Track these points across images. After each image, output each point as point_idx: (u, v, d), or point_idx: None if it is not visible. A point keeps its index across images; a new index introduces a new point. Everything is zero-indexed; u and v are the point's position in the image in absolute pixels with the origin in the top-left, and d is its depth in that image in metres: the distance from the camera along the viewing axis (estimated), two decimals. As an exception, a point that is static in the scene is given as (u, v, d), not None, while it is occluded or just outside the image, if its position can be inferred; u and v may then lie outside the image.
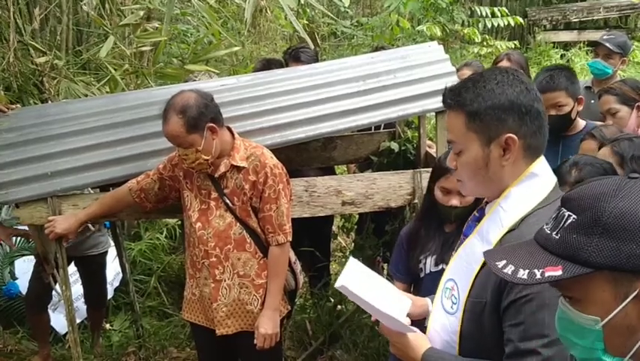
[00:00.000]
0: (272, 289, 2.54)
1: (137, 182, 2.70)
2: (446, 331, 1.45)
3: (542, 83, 2.84)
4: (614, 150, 2.22)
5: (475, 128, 1.37)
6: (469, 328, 1.38)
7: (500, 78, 1.37)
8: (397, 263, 2.55)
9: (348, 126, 3.03)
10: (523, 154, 1.37)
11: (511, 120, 1.34)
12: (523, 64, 3.52)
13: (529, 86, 1.38)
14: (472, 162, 1.39)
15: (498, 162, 1.36)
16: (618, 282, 0.91)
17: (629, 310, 0.91)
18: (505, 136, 1.34)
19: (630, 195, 0.92)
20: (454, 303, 1.42)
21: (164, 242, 4.79)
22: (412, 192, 2.92)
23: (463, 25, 7.83)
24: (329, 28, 8.47)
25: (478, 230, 1.42)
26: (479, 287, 1.35)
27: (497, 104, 1.34)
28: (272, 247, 2.53)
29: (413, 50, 3.39)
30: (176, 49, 5.86)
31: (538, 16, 11.16)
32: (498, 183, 1.39)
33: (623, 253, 0.89)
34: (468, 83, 1.40)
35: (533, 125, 1.36)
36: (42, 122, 2.98)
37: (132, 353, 3.73)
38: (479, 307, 1.35)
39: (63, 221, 2.70)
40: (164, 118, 2.39)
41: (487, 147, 1.36)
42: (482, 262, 1.34)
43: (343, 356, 3.54)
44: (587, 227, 0.93)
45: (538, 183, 1.37)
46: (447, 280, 1.48)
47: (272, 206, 2.49)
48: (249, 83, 3.16)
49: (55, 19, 4.98)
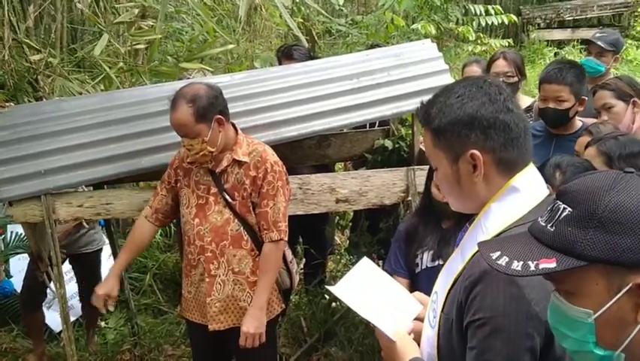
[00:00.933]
0: (260, 286, 2.52)
1: (149, 207, 2.69)
2: (429, 344, 1.41)
3: (549, 74, 2.84)
4: (600, 150, 2.22)
5: (440, 145, 1.32)
6: (443, 343, 1.34)
7: (462, 91, 1.30)
8: (397, 259, 2.55)
9: (342, 124, 3.04)
10: (496, 169, 1.29)
11: (474, 135, 1.27)
12: (518, 62, 3.53)
13: (494, 97, 1.29)
14: (445, 178, 1.35)
15: (469, 178, 1.30)
16: (612, 275, 0.91)
17: (622, 303, 0.91)
18: (470, 152, 1.27)
19: (626, 189, 0.92)
20: (434, 317, 1.39)
21: (159, 240, 4.80)
22: (406, 190, 2.93)
23: (457, 24, 7.84)
24: (324, 27, 8.46)
25: (462, 243, 1.38)
26: (449, 303, 1.31)
27: (456, 120, 1.28)
28: (265, 244, 2.53)
29: (407, 48, 3.40)
30: (171, 47, 5.85)
31: (532, 15, 11.21)
32: (474, 199, 1.33)
33: (617, 247, 0.89)
34: (435, 98, 1.35)
35: (500, 138, 1.27)
36: (36, 120, 2.97)
37: (127, 350, 3.72)
38: (448, 324, 1.31)
39: (104, 285, 2.63)
40: (173, 106, 2.39)
41: (455, 164, 1.31)
42: (454, 279, 1.31)
43: (338, 353, 3.55)
44: (582, 220, 0.93)
45: (519, 198, 1.28)
46: (433, 293, 1.46)
47: (269, 202, 2.50)
48: (242, 81, 3.16)
49: (49, 16, 4.97)
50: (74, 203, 2.83)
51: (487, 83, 1.33)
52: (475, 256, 1.25)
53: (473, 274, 1.22)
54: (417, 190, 2.87)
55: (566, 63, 2.94)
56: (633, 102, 2.73)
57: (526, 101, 3.65)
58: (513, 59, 3.53)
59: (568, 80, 2.79)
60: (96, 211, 2.88)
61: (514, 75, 3.45)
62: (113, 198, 2.88)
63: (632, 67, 8.81)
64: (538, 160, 2.96)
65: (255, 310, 2.49)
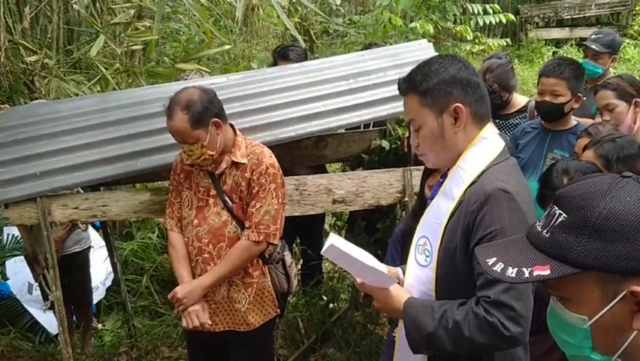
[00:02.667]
0: (213, 271, 2.47)
1: (169, 220, 2.63)
2: (422, 282, 1.64)
3: (548, 68, 2.88)
4: (597, 153, 2.21)
5: (427, 103, 1.61)
6: (443, 272, 1.58)
7: (441, 61, 1.64)
8: (394, 261, 2.54)
9: (339, 124, 3.04)
10: (472, 120, 1.61)
11: (456, 92, 1.59)
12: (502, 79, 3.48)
13: (466, 63, 1.65)
14: (429, 133, 1.63)
15: (451, 129, 1.61)
16: (606, 283, 0.91)
17: (617, 310, 0.91)
18: (454, 105, 1.59)
19: (620, 195, 0.91)
20: (428, 256, 1.63)
21: (156, 241, 4.79)
22: (403, 190, 2.92)
23: (455, 23, 7.83)
24: (321, 26, 8.44)
25: (442, 190, 1.65)
26: (449, 234, 1.57)
27: (442, 80, 1.60)
28: (241, 240, 2.48)
29: (403, 48, 3.40)
30: (168, 48, 5.84)
31: (530, 14, 11.22)
32: (454, 149, 1.62)
33: (611, 255, 0.89)
34: (416, 69, 1.65)
35: (475, 94, 1.61)
36: (32, 121, 2.96)
37: (124, 352, 3.72)
38: (450, 252, 1.56)
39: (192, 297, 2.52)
40: (169, 114, 2.38)
41: (440, 117, 1.61)
42: (449, 214, 1.57)
43: (335, 355, 3.54)
44: (576, 227, 0.93)
45: (489, 144, 1.62)
46: (419, 238, 1.69)
47: (256, 203, 2.48)
48: (239, 82, 3.15)
49: (45, 17, 4.96)
50: (70, 205, 2.82)
51: (458, 56, 1.71)
52: (469, 189, 1.55)
53: (479, 199, 1.51)
54: (413, 190, 2.87)
55: (565, 59, 2.96)
56: (635, 102, 2.72)
57: (521, 100, 3.64)
58: (496, 76, 3.47)
59: (565, 75, 2.82)
60: (92, 213, 2.87)
61: (496, 99, 3.40)
62: (109, 200, 2.88)
63: (630, 65, 8.80)
64: (534, 156, 2.99)
65: (194, 283, 2.49)
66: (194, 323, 2.47)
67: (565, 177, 2.07)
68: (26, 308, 3.98)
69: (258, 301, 2.58)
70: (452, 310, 1.51)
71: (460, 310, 1.50)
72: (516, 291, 1.45)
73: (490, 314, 1.45)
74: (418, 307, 1.57)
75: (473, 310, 1.47)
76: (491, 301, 1.45)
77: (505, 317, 1.44)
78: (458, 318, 1.48)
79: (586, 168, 2.09)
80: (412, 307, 1.58)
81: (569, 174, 2.07)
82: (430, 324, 1.52)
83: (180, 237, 2.60)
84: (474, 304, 1.49)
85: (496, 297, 1.45)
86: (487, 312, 1.45)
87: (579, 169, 2.08)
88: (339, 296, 3.96)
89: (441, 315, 1.51)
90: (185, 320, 2.50)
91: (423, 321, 1.53)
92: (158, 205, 2.85)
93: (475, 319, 1.46)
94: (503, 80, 3.47)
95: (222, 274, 2.49)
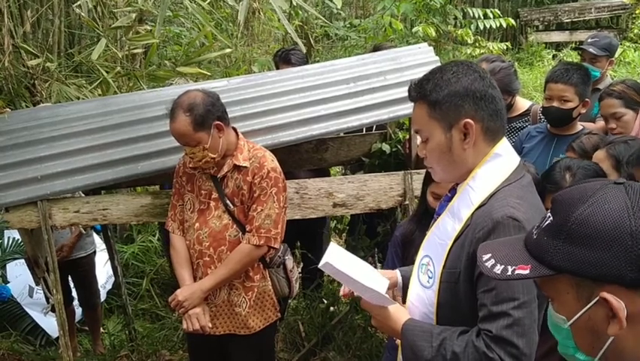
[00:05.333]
0: (214, 274, 2.49)
1: (171, 223, 2.64)
2: (423, 303, 1.56)
3: (556, 73, 2.87)
4: (609, 153, 2.21)
5: (436, 116, 1.50)
6: (445, 297, 1.49)
7: (456, 69, 1.50)
8: (395, 264, 2.55)
9: (340, 128, 3.04)
10: (483, 137, 1.49)
11: (467, 106, 1.47)
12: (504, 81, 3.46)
13: (482, 74, 1.51)
14: (437, 147, 1.52)
15: (460, 145, 1.49)
16: (580, 286, 0.93)
17: (592, 314, 0.92)
18: (464, 121, 1.47)
19: (600, 202, 0.92)
20: (430, 277, 1.54)
21: (157, 245, 4.79)
22: (403, 194, 2.92)
23: (455, 26, 7.84)
24: (322, 30, 8.46)
25: (449, 209, 1.55)
26: (453, 259, 1.47)
27: (454, 92, 1.47)
28: (242, 243, 2.49)
29: (403, 52, 3.40)
30: (169, 51, 5.85)
31: (530, 17, 11.22)
32: (463, 166, 1.51)
33: (582, 260, 0.90)
34: (428, 76, 1.53)
35: (489, 108, 1.48)
36: (32, 125, 2.97)
37: (125, 356, 3.72)
38: (454, 277, 1.47)
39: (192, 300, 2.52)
40: (172, 117, 2.39)
41: (448, 132, 1.49)
42: (454, 237, 1.47)
43: (336, 358, 3.54)
44: (555, 230, 0.95)
45: (502, 162, 1.50)
46: (422, 257, 1.60)
47: (257, 207, 2.48)
48: (239, 86, 3.16)
49: (47, 21, 4.97)
50: (71, 209, 2.82)
51: (474, 64, 1.55)
52: (477, 212, 1.45)
53: (486, 226, 1.40)
54: (414, 194, 2.87)
55: (572, 65, 2.96)
56: None
57: (523, 104, 3.64)
58: (498, 80, 3.44)
59: (574, 81, 2.82)
60: (93, 217, 2.87)
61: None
62: (110, 203, 2.88)
63: (630, 69, 8.80)
64: (539, 160, 2.99)
65: (194, 286, 2.50)
66: (194, 326, 2.48)
67: (567, 173, 2.10)
68: (27, 311, 3.99)
69: (258, 305, 2.58)
70: (452, 339, 1.44)
71: (459, 340, 1.43)
72: (520, 327, 1.37)
73: (490, 350, 1.38)
74: (417, 331, 1.51)
75: (474, 343, 1.40)
76: (493, 336, 1.38)
77: (507, 354, 1.37)
78: (457, 350, 1.42)
79: (588, 166, 2.11)
80: (410, 330, 1.52)
81: (571, 171, 2.10)
82: (427, 351, 1.46)
83: (182, 239, 2.61)
84: (475, 337, 1.42)
85: (498, 332, 1.37)
86: (488, 347, 1.38)
87: (582, 166, 2.10)
88: (339, 299, 3.96)
89: (439, 343, 1.45)
90: (186, 323, 2.50)
91: (420, 347, 1.47)
92: (159, 209, 2.86)
93: (475, 352, 1.39)
94: (506, 84, 3.47)
95: (223, 277, 2.49)
